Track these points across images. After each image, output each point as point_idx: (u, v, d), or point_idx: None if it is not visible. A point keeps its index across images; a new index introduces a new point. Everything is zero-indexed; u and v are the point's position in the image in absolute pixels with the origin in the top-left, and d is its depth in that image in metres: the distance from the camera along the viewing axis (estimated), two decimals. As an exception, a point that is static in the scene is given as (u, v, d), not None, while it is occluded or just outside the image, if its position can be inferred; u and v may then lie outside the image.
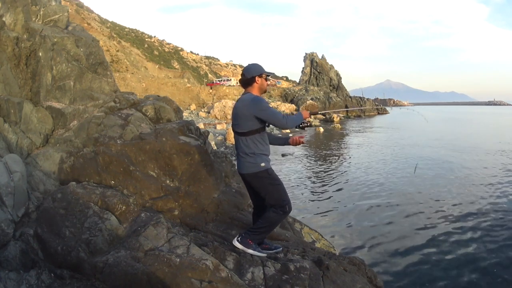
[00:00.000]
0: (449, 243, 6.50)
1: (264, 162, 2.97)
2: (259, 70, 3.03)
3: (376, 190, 10.21)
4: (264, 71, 3.04)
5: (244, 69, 3.07)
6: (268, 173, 2.98)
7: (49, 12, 5.25)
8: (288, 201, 3.02)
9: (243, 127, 2.95)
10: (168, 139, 4.09)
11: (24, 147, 4.16)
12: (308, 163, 15.02)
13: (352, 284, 2.85)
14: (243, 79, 3.04)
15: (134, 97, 5.29)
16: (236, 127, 3.03)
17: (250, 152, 2.95)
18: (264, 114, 2.86)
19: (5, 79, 4.44)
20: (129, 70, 54.07)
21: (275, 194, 2.98)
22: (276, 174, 3.09)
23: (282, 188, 3.03)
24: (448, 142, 21.55)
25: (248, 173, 3.00)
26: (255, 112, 2.86)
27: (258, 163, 2.95)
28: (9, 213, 3.33)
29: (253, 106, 2.87)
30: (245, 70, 3.05)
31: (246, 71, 3.04)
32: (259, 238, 3.08)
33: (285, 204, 2.98)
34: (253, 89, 3.03)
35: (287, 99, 57.35)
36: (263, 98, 2.95)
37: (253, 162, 2.95)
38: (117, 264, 2.60)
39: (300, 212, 8.14)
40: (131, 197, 3.59)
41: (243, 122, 2.94)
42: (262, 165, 2.95)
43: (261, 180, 2.99)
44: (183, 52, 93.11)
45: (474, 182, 11.11)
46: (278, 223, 3.15)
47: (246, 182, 3.16)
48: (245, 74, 3.03)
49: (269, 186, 2.99)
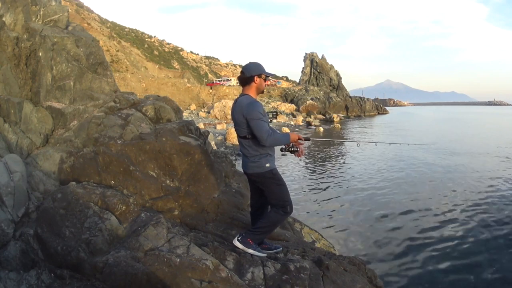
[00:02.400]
0: (449, 244, 6.49)
1: (269, 163, 2.97)
2: (259, 69, 2.99)
3: (376, 190, 10.21)
4: (264, 71, 3.00)
5: (244, 67, 3.03)
6: (272, 173, 2.98)
7: (49, 12, 5.25)
8: (290, 201, 3.02)
9: (243, 132, 2.96)
10: (168, 139, 4.09)
11: (24, 147, 4.16)
12: (308, 163, 15.02)
13: (352, 284, 2.85)
14: (241, 77, 3.01)
15: (134, 97, 5.29)
16: (238, 132, 3.04)
17: (254, 154, 2.96)
18: (252, 123, 2.83)
19: (5, 79, 4.45)
20: (129, 70, 54.07)
21: (278, 194, 2.99)
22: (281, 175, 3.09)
23: (285, 188, 3.03)
24: (448, 142, 21.54)
25: (253, 173, 3.01)
26: (248, 119, 2.86)
27: (263, 164, 2.95)
28: (9, 213, 3.34)
29: (246, 111, 2.86)
30: (244, 68, 3.01)
31: (245, 69, 3.00)
32: (259, 238, 3.08)
33: (286, 205, 2.98)
34: (251, 88, 3.00)
35: (287, 99, 57.35)
36: (259, 104, 2.90)
37: (256, 162, 2.96)
38: (117, 264, 2.60)
39: (300, 212, 8.14)
40: (131, 197, 3.59)
41: (242, 127, 2.94)
42: (267, 165, 2.95)
43: (265, 180, 3.00)
44: (183, 52, 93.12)
45: (475, 183, 11.09)
46: (279, 223, 3.16)
47: (251, 181, 3.17)
48: (244, 72, 2.99)
49: (272, 186, 2.99)
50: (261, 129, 2.82)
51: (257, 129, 2.83)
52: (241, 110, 2.91)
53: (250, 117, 2.84)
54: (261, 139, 2.84)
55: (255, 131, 2.84)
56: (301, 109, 49.67)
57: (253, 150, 2.95)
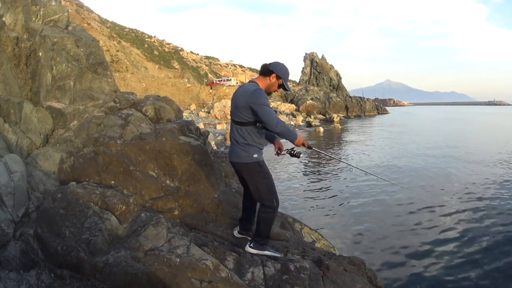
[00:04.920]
0: (450, 244, 6.49)
1: (257, 154, 2.93)
2: (282, 73, 2.95)
3: (376, 191, 10.20)
4: (283, 77, 2.95)
5: (273, 62, 2.99)
6: (259, 165, 2.94)
7: (49, 12, 5.25)
8: (275, 195, 2.98)
9: (240, 117, 2.89)
10: (168, 139, 4.09)
11: (24, 147, 4.16)
12: (308, 162, 15.02)
13: (352, 284, 2.85)
14: (264, 66, 2.96)
15: (134, 97, 5.28)
16: (234, 116, 2.97)
17: (244, 142, 2.91)
18: (259, 108, 2.76)
19: (5, 79, 4.44)
20: (129, 70, 54.06)
21: (263, 187, 2.95)
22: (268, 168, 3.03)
23: (271, 182, 2.98)
24: (449, 142, 21.54)
25: (239, 162, 2.97)
26: (251, 103, 2.78)
27: (251, 154, 2.90)
28: (9, 213, 3.33)
29: (251, 97, 2.80)
30: (272, 63, 2.97)
31: (272, 63, 2.96)
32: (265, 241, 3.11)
33: (272, 198, 2.95)
34: (262, 81, 2.95)
35: (287, 99, 57.36)
36: (264, 93, 2.87)
37: (245, 152, 2.91)
38: (117, 264, 2.60)
39: (300, 212, 8.14)
40: (131, 197, 3.59)
41: (241, 112, 2.87)
42: (254, 156, 2.91)
43: (251, 171, 2.95)
44: (183, 52, 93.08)
45: (476, 184, 11.07)
46: (273, 220, 3.08)
47: (236, 170, 3.13)
48: (268, 65, 2.94)
49: (258, 178, 2.95)
50: (269, 114, 2.76)
51: (265, 114, 2.75)
52: (245, 95, 2.85)
53: (256, 102, 2.77)
54: (270, 124, 2.76)
55: (262, 117, 2.77)
56: (301, 109, 49.70)
57: (245, 138, 2.90)
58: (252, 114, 2.82)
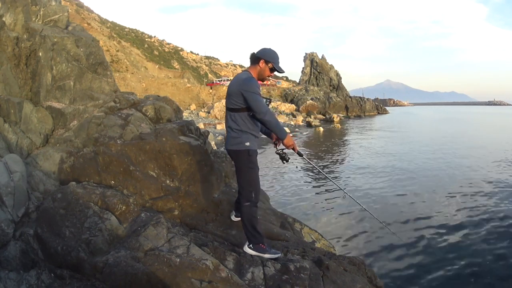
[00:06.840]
0: (450, 244, 6.49)
1: (249, 142, 2.93)
2: (270, 57, 2.98)
3: (376, 191, 10.20)
4: (273, 61, 2.99)
5: (260, 49, 3.04)
6: (249, 154, 2.92)
7: (49, 12, 5.25)
8: (255, 189, 2.96)
9: (232, 103, 2.93)
10: (168, 139, 4.09)
11: (24, 147, 4.16)
12: (308, 162, 14.98)
13: (352, 284, 2.85)
14: (252, 54, 3.03)
15: (134, 97, 5.28)
16: (228, 103, 3.01)
17: (237, 128, 2.92)
18: (249, 95, 2.80)
19: (5, 79, 4.45)
20: (129, 70, 54.07)
21: (246, 178, 2.95)
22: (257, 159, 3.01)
23: (255, 174, 2.97)
24: (450, 142, 21.55)
25: (231, 149, 2.98)
26: (243, 90, 2.83)
27: (242, 141, 2.91)
28: (9, 213, 3.34)
29: (243, 84, 2.85)
30: (259, 49, 3.03)
31: (259, 50, 3.02)
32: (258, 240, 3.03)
33: (251, 191, 2.94)
34: (253, 70, 3.02)
35: (287, 99, 57.34)
36: (256, 82, 2.91)
37: (237, 138, 2.92)
38: (117, 264, 2.60)
39: (300, 212, 8.14)
40: (131, 197, 3.59)
41: (233, 98, 2.91)
42: (246, 144, 2.91)
43: (239, 158, 2.96)
44: (183, 52, 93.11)
45: (478, 185, 11.05)
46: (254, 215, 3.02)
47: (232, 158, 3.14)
48: (256, 52, 3.01)
49: (243, 167, 2.95)
50: (258, 102, 2.80)
51: (254, 102, 2.80)
52: (237, 83, 2.92)
53: (246, 89, 2.82)
54: (259, 112, 2.79)
55: (251, 104, 2.81)
56: (301, 109, 49.69)
57: (238, 124, 2.92)
58: (244, 100, 2.86)
